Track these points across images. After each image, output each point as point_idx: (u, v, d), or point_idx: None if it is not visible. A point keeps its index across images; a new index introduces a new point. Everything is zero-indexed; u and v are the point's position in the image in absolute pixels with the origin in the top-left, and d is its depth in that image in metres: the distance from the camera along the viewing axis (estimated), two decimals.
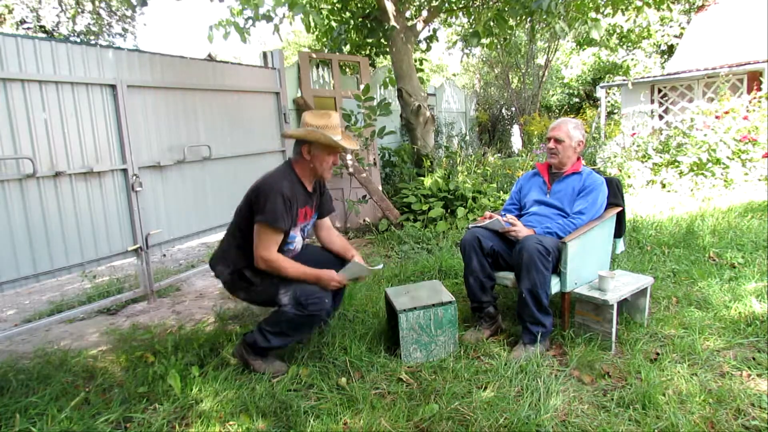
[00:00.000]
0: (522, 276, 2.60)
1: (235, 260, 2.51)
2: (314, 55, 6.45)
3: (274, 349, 2.50)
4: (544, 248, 2.58)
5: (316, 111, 2.50)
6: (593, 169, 3.05)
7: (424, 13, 6.71)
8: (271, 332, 2.44)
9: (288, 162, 2.56)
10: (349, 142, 2.49)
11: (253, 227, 2.40)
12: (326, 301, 2.40)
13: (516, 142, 13.94)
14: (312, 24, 5.29)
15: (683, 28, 14.82)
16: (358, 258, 2.63)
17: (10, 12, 12.20)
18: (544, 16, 5.51)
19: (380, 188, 6.10)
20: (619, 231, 3.11)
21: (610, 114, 13.98)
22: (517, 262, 2.64)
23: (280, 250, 2.45)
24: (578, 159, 2.99)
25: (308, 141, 2.42)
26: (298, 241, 2.59)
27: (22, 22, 12.86)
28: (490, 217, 2.84)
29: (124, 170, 3.77)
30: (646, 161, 7.69)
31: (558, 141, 2.90)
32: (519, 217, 2.98)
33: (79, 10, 12.88)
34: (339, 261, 2.68)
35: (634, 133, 8.58)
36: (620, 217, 3.07)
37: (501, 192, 6.02)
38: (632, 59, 16.45)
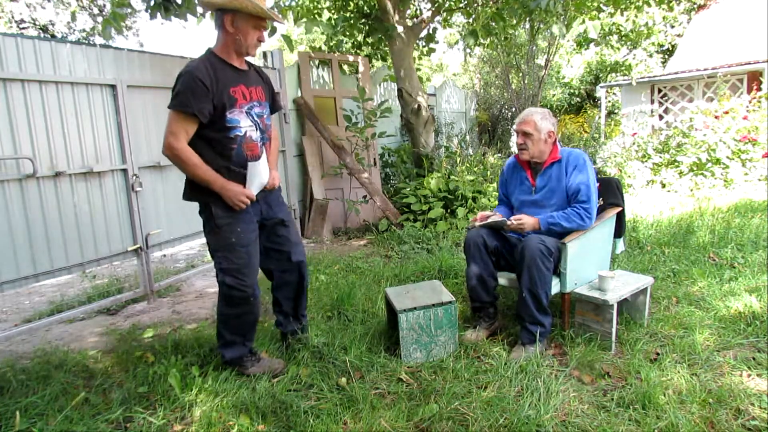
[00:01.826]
0: (523, 275, 2.59)
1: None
2: (314, 55, 6.45)
3: (236, 361, 2.48)
4: (546, 248, 2.57)
5: None
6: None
7: (426, 13, 6.71)
8: (220, 346, 2.48)
9: (208, 49, 2.39)
10: (275, 15, 2.33)
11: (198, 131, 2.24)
12: (249, 288, 2.36)
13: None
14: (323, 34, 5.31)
15: (684, 27, 14.81)
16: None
17: None
18: (544, 16, 5.50)
19: (380, 188, 6.10)
20: (619, 231, 3.10)
21: (610, 114, 13.97)
22: (518, 261, 2.63)
23: (224, 138, 2.27)
24: (554, 146, 2.82)
25: (231, 10, 2.22)
26: (247, 127, 2.33)
27: (21, 21, 12.85)
28: (484, 218, 2.82)
29: (124, 170, 3.77)
30: (646, 161, 7.69)
31: (526, 135, 2.75)
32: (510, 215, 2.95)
33: (79, 8, 12.84)
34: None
35: (634, 133, 8.58)
36: (620, 217, 3.07)
37: None
38: (633, 57, 16.45)
